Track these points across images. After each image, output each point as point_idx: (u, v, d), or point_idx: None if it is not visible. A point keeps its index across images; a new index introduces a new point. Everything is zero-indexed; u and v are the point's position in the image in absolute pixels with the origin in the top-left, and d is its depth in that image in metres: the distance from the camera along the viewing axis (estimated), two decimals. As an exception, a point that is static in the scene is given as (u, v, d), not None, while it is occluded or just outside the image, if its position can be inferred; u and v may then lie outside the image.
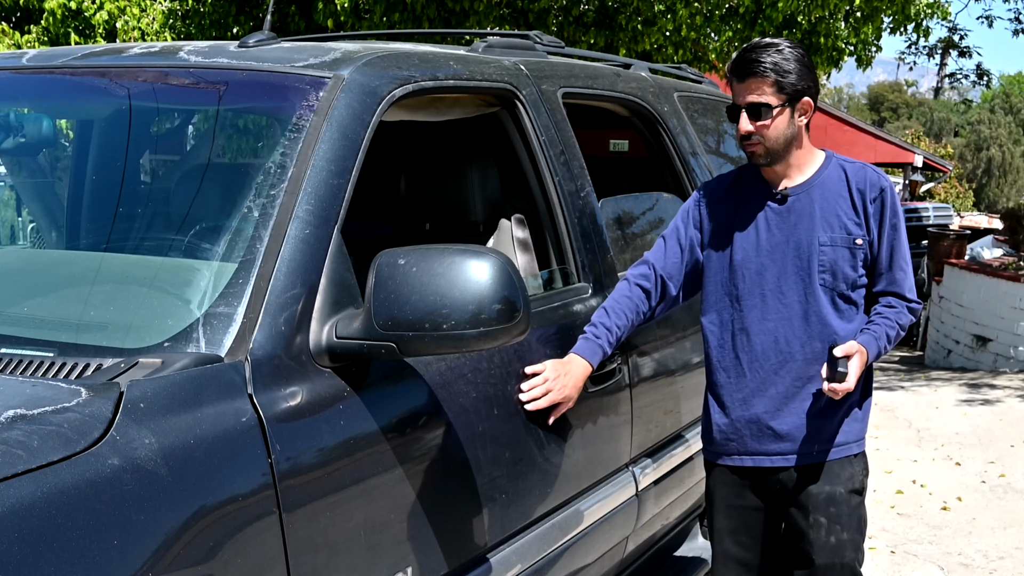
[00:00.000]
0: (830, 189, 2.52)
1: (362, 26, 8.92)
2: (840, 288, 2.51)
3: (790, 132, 2.47)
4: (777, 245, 2.52)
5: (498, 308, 1.81)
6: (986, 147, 47.43)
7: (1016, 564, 4.42)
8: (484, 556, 2.21)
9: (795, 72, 2.43)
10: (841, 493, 2.53)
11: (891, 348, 2.57)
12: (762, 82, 2.42)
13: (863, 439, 2.60)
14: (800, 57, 2.45)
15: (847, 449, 2.55)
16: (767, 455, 2.56)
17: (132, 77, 2.36)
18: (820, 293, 2.50)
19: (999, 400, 7.92)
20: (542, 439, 2.39)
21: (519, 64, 2.77)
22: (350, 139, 2.05)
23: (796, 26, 9.31)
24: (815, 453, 2.53)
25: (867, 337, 2.50)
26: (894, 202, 2.53)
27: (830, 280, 2.50)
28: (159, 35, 10.23)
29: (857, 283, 2.53)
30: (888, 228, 2.52)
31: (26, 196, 2.87)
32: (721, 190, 2.66)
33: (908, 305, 2.56)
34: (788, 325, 2.52)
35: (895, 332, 2.53)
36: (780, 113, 2.43)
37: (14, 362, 1.68)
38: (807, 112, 2.49)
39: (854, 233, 2.50)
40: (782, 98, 2.43)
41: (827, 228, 2.50)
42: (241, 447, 1.63)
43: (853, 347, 2.42)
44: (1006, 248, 14.13)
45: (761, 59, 2.41)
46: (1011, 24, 18.83)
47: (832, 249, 2.50)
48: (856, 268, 2.51)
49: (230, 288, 1.80)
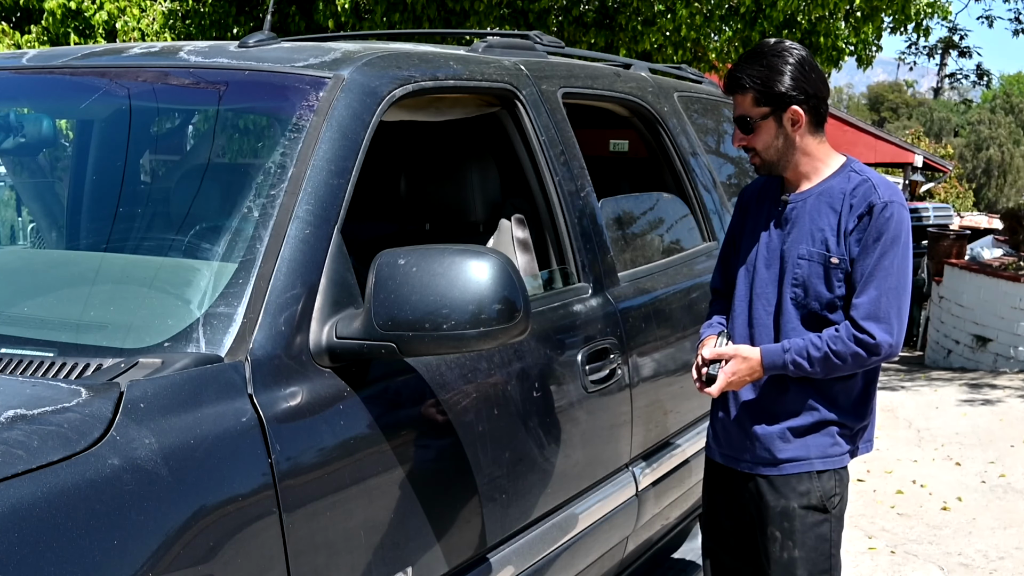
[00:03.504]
0: (824, 201, 2.41)
1: (363, 26, 8.93)
2: (812, 306, 2.39)
3: (780, 143, 2.40)
4: (773, 253, 2.47)
5: (498, 308, 1.81)
6: (986, 147, 47.43)
7: (1016, 564, 4.42)
8: (484, 556, 2.21)
9: (780, 82, 2.34)
10: (795, 508, 2.44)
11: (819, 372, 2.35)
12: (744, 96, 2.39)
13: (833, 457, 2.45)
14: (794, 63, 2.35)
15: (808, 464, 2.44)
16: (739, 460, 2.54)
17: (132, 77, 2.36)
18: (790, 307, 2.42)
19: (999, 400, 7.92)
20: (542, 439, 2.39)
21: (519, 64, 2.77)
22: (350, 139, 2.05)
23: (796, 26, 9.31)
24: (776, 464, 2.46)
25: (774, 348, 2.39)
26: (883, 223, 2.32)
27: (801, 296, 2.40)
28: (159, 35, 10.23)
29: (834, 304, 2.38)
30: (869, 250, 2.32)
31: (26, 196, 2.87)
32: (750, 194, 2.63)
33: (855, 334, 2.31)
34: (766, 334, 2.46)
35: (821, 354, 2.32)
36: (764, 126, 2.39)
37: (14, 362, 1.68)
38: (799, 121, 2.37)
39: (832, 251, 2.36)
40: (763, 111, 2.37)
41: (809, 241, 2.40)
42: (241, 447, 1.63)
43: (726, 352, 2.40)
44: (1006, 248, 14.13)
45: (740, 74, 2.38)
46: (1011, 24, 18.83)
47: (808, 264, 2.39)
48: (832, 288, 2.37)
49: (230, 288, 1.81)
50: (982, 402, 7.86)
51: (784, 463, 2.46)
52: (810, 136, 2.42)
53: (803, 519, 2.45)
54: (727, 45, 9.47)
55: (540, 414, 2.38)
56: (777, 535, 2.47)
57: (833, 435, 2.45)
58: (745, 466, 2.52)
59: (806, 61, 2.39)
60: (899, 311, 2.33)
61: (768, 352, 2.40)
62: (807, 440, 2.44)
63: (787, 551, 2.46)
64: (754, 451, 2.49)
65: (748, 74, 2.37)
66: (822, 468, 2.45)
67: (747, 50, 2.46)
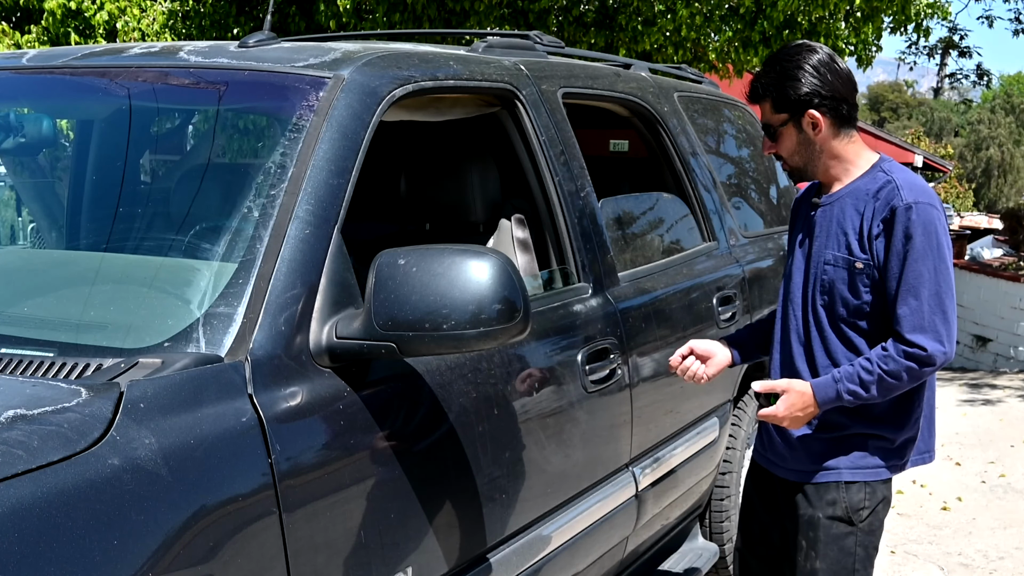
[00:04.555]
0: (850, 203, 2.34)
1: (364, 27, 8.93)
2: (839, 312, 2.35)
3: (804, 147, 2.36)
4: (808, 257, 2.43)
5: (498, 308, 1.81)
6: (986, 147, 47.41)
7: (1016, 564, 4.42)
8: (484, 556, 2.21)
9: (795, 86, 2.31)
10: (820, 518, 2.41)
11: (876, 396, 2.28)
12: (764, 104, 2.38)
13: (864, 469, 2.39)
14: (810, 66, 2.31)
15: (836, 474, 2.40)
16: (778, 466, 2.52)
17: (132, 77, 2.36)
18: (821, 313, 2.38)
19: (999, 400, 7.92)
20: (542, 439, 2.39)
21: (519, 64, 2.77)
22: (350, 139, 2.05)
23: (796, 26, 9.30)
24: (806, 472, 2.44)
25: (824, 380, 2.33)
26: (909, 227, 2.24)
27: (828, 302, 2.36)
28: (159, 36, 10.23)
29: (862, 310, 2.32)
30: (895, 253, 2.25)
31: (26, 196, 2.87)
32: (797, 202, 2.60)
33: (904, 348, 2.24)
34: (799, 340, 2.43)
35: (874, 377, 2.26)
36: (785, 132, 2.36)
37: (14, 362, 1.68)
38: (818, 124, 2.32)
39: (856, 255, 2.31)
40: (782, 117, 2.35)
41: (835, 245, 2.35)
42: (241, 447, 1.63)
43: (778, 385, 2.35)
44: (1006, 248, 14.13)
45: (756, 81, 2.38)
46: (1011, 24, 18.85)
47: (833, 269, 2.34)
48: (858, 294, 2.31)
49: (230, 288, 1.80)
50: (982, 402, 7.86)
51: (814, 472, 2.43)
52: (835, 138, 2.36)
53: (827, 530, 2.41)
54: (727, 45, 9.46)
55: (540, 414, 2.38)
56: (803, 544, 2.44)
57: (866, 446, 2.39)
58: (782, 472, 2.51)
59: (823, 63, 2.32)
60: (944, 316, 2.25)
61: (819, 386, 2.32)
62: (838, 450, 2.40)
63: (810, 561, 2.43)
64: (791, 459, 2.47)
65: (763, 82, 2.36)
66: (851, 479, 2.40)
67: (772, 53, 2.44)
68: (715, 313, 3.37)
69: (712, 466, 3.49)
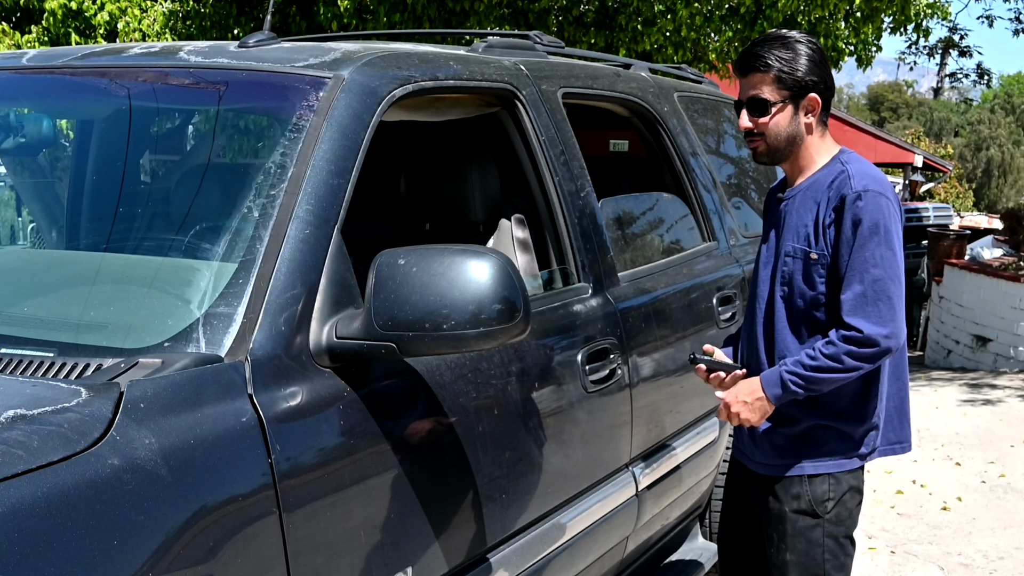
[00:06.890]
0: (810, 195, 2.37)
1: (365, 27, 8.93)
2: (797, 304, 2.37)
3: (792, 130, 2.37)
4: (772, 250, 2.46)
5: (498, 308, 1.81)
6: (986, 147, 47.41)
7: (1016, 564, 4.42)
8: (484, 556, 2.21)
9: (802, 67, 2.32)
10: (786, 512, 2.44)
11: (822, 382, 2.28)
12: (763, 77, 2.34)
13: (824, 461, 2.42)
14: (811, 51, 2.34)
15: (799, 469, 2.43)
16: (749, 459, 2.55)
17: (132, 77, 2.36)
18: (780, 305, 2.40)
19: (999, 400, 7.91)
20: (542, 439, 2.39)
21: (519, 64, 2.77)
22: (350, 139, 2.05)
23: (796, 26, 9.30)
24: (772, 466, 2.47)
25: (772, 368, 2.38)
26: (856, 213, 2.26)
27: (787, 293, 2.38)
28: (160, 36, 10.24)
29: (818, 301, 2.34)
30: (844, 241, 2.27)
31: (26, 196, 2.87)
32: (767, 198, 2.62)
33: (843, 332, 2.25)
34: (762, 333, 2.46)
35: (815, 363, 2.27)
36: (781, 110, 2.35)
37: (14, 362, 1.68)
38: (814, 109, 2.36)
39: (811, 246, 2.33)
40: (783, 94, 2.34)
41: (794, 237, 2.38)
42: (241, 447, 1.63)
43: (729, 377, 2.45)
44: (1006, 248, 14.13)
45: (763, 53, 2.34)
46: (1011, 24, 18.85)
47: (792, 260, 2.37)
48: (813, 285, 2.33)
49: (230, 288, 1.81)
50: (982, 402, 7.86)
51: (779, 466, 2.46)
52: (817, 128, 2.39)
53: (794, 523, 2.45)
54: (727, 45, 9.47)
55: (540, 414, 2.38)
56: (773, 536, 2.48)
57: (826, 440, 2.42)
58: (752, 465, 2.54)
59: (821, 53, 2.38)
60: (889, 301, 2.25)
61: (767, 374, 2.37)
62: (799, 444, 2.44)
63: (780, 553, 2.47)
64: (759, 453, 2.50)
65: (775, 55, 2.33)
66: (813, 472, 2.43)
67: (763, 34, 2.42)
68: (715, 313, 3.37)
69: (712, 466, 3.50)
